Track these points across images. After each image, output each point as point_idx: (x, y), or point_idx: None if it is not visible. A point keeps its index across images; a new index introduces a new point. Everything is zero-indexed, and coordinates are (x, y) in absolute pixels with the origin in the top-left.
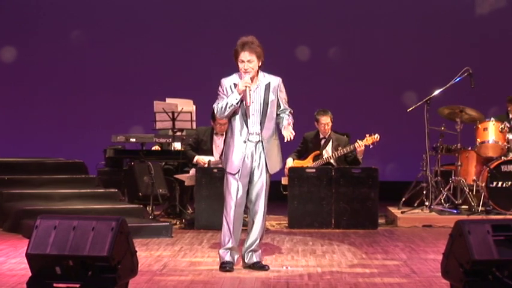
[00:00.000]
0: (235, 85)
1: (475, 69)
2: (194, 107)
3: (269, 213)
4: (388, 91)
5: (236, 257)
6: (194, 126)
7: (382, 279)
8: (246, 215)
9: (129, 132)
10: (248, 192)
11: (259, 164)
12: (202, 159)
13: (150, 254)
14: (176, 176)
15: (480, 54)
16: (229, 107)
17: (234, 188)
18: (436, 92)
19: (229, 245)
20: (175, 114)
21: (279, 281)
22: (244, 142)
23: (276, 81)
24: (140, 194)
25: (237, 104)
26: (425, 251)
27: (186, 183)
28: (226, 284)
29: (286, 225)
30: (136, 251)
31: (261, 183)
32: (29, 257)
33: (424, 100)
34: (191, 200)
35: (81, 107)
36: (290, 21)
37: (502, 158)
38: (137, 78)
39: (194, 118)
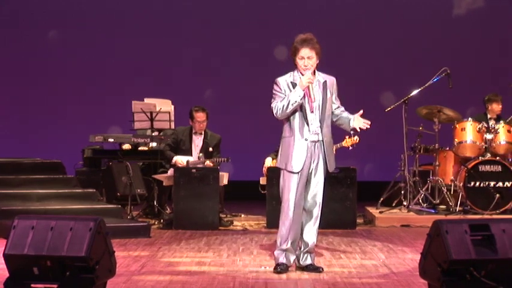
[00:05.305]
0: (292, 84)
1: (453, 70)
2: (172, 107)
3: (247, 213)
4: (366, 91)
5: (292, 258)
6: (172, 126)
7: (360, 279)
8: (224, 215)
9: (107, 132)
10: (304, 193)
11: (317, 164)
12: (180, 160)
13: (128, 254)
14: (154, 176)
15: (458, 55)
16: (292, 104)
17: (294, 188)
18: (414, 92)
19: (285, 246)
20: (154, 114)
21: (257, 281)
22: (306, 140)
23: (331, 79)
24: (118, 194)
25: (300, 100)
26: (403, 251)
27: (164, 183)
28: (204, 285)
29: (265, 225)
30: (114, 251)
31: (319, 183)
32: (6, 257)
33: (402, 100)
34: (169, 200)
35: (58, 106)
36: (269, 20)
37: (480, 158)
38: (115, 78)
39: (172, 118)
